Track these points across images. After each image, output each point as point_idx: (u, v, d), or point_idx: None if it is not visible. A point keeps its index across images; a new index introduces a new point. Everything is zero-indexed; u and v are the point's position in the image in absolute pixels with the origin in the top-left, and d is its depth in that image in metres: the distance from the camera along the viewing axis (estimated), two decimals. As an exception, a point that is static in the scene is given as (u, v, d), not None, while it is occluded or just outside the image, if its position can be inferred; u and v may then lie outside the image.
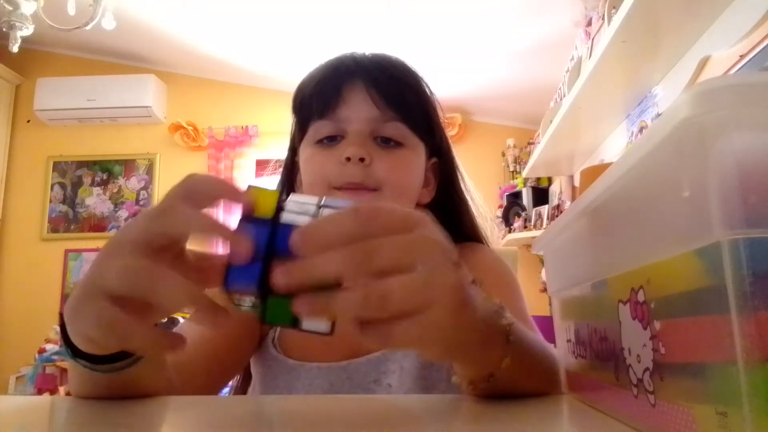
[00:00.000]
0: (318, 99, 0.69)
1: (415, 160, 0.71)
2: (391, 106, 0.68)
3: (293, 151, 0.77)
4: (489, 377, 0.42)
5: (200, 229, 0.34)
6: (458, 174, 0.78)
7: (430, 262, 0.32)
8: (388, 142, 0.69)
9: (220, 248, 0.34)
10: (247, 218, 0.34)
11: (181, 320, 0.70)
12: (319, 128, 0.70)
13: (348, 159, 0.65)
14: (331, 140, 0.69)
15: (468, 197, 0.78)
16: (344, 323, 0.32)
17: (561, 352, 0.49)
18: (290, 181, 0.77)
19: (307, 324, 0.33)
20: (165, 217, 0.34)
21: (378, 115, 0.68)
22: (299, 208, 0.34)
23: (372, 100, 0.68)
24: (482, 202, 0.81)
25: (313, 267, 0.31)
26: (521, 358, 0.43)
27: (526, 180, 3.43)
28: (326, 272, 0.31)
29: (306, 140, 0.72)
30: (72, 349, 0.40)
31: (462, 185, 0.78)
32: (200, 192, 0.35)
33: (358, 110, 0.68)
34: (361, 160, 0.66)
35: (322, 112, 0.69)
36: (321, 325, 0.33)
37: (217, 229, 0.33)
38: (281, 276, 0.31)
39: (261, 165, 3.75)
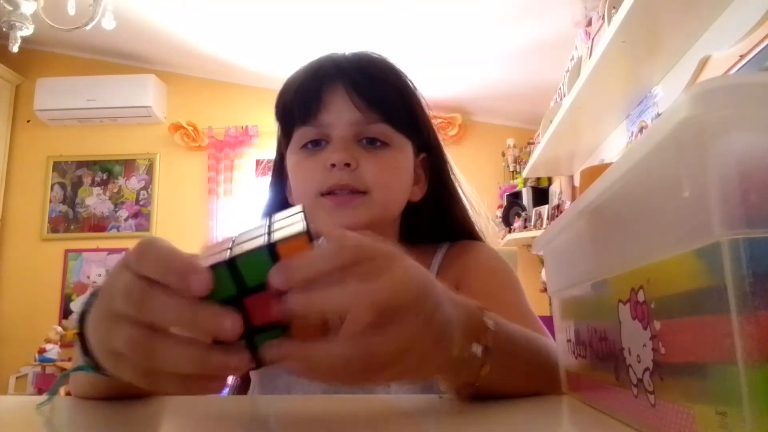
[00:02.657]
0: (299, 105, 0.69)
1: (403, 159, 0.71)
2: (373, 108, 0.67)
3: (281, 156, 0.76)
4: (472, 385, 0.41)
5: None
6: (448, 168, 0.77)
7: (418, 307, 0.32)
8: (373, 143, 0.68)
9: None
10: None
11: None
12: (302, 134, 0.69)
13: (333, 165, 0.65)
14: (315, 145, 0.69)
15: (460, 191, 0.77)
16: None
17: (561, 352, 0.49)
18: (280, 185, 0.77)
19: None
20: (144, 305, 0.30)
21: (361, 118, 0.67)
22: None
23: (353, 103, 0.67)
24: (475, 195, 0.80)
25: (322, 299, 0.30)
26: (503, 363, 0.42)
27: (526, 180, 3.43)
28: (331, 306, 0.30)
29: (291, 146, 0.71)
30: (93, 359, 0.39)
31: (453, 179, 0.77)
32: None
33: (340, 115, 0.67)
34: (347, 165, 0.65)
35: (305, 119, 0.68)
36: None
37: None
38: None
39: (261, 165, 3.76)
